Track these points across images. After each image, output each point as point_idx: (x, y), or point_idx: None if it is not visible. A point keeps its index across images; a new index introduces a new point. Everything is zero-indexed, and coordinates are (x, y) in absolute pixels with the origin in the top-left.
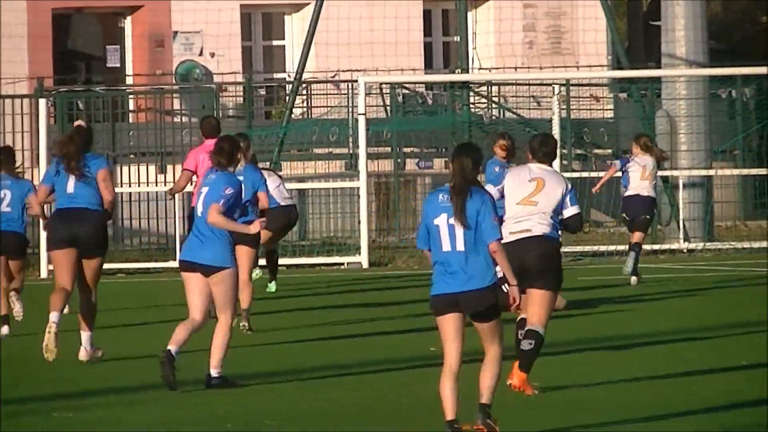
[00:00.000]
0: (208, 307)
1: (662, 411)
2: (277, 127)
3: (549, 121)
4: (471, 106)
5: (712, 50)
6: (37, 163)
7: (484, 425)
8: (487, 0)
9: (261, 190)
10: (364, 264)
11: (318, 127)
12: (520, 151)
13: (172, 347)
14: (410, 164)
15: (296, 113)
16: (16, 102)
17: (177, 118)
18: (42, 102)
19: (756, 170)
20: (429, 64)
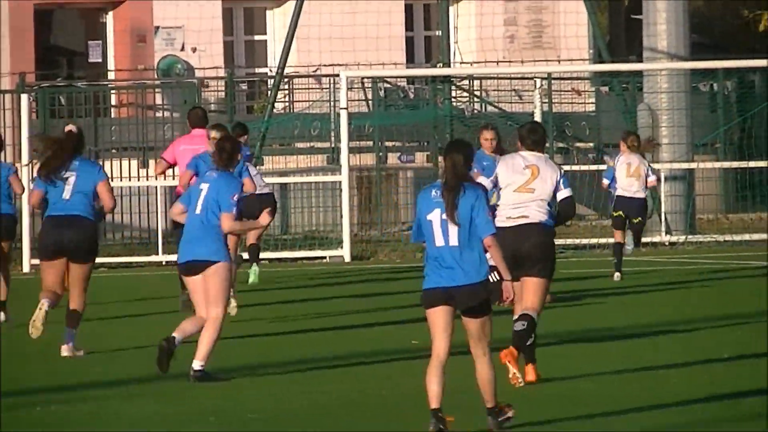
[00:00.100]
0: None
1: (646, 403)
2: (259, 122)
3: (531, 114)
4: (453, 100)
5: (693, 44)
6: (19, 158)
7: (502, 425)
8: None
9: (245, 176)
10: (346, 258)
11: (300, 122)
12: (508, 145)
13: (177, 335)
14: (392, 158)
15: (278, 108)
16: None
17: (159, 113)
18: (24, 97)
19: (737, 163)
20: (411, 59)
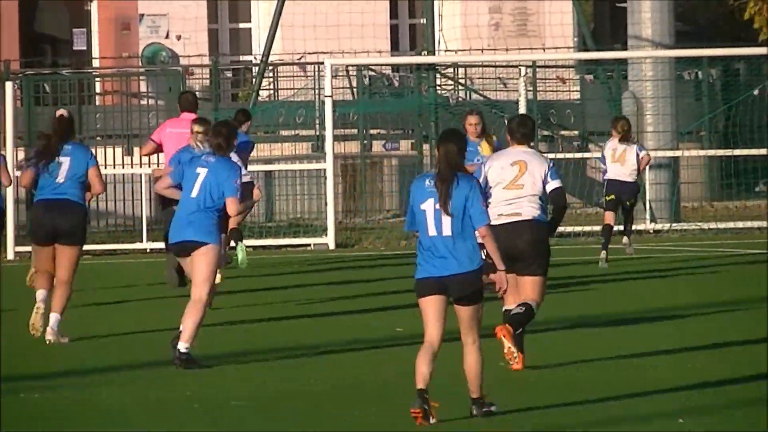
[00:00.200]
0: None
1: (632, 390)
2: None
3: (515, 102)
4: (437, 88)
5: (678, 32)
6: (3, 145)
7: (484, 416)
8: None
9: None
10: (331, 245)
11: (285, 110)
12: (494, 132)
13: (184, 343)
14: (377, 146)
15: (263, 95)
16: None
17: (143, 101)
18: (8, 85)
19: (722, 151)
20: (395, 47)
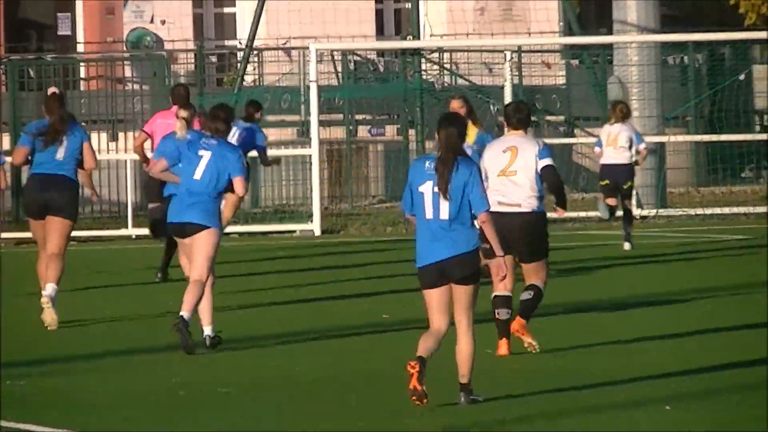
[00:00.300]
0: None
1: (616, 378)
2: (229, 95)
3: (501, 88)
4: (423, 73)
5: (663, 16)
6: None
7: (472, 403)
8: None
9: None
10: (317, 231)
11: (270, 95)
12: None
13: (185, 312)
14: (362, 131)
15: (248, 80)
16: None
17: (128, 86)
18: None
19: (708, 137)
20: (380, 31)
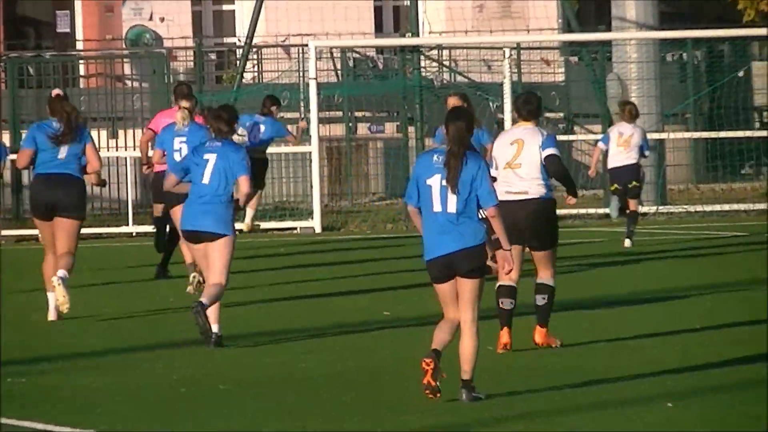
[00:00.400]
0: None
1: (616, 375)
2: (229, 92)
3: (500, 85)
4: (422, 70)
5: (662, 13)
6: None
7: (473, 401)
8: None
9: None
10: (317, 228)
11: (269, 92)
12: (479, 115)
13: (205, 299)
14: (362, 128)
15: (247, 78)
16: None
17: (128, 83)
18: None
19: (707, 134)
20: (379, 28)
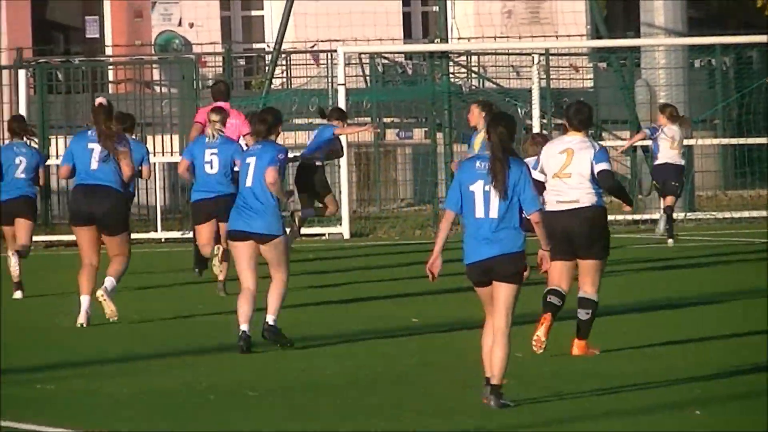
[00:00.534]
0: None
1: (641, 380)
2: (257, 98)
3: (529, 90)
4: (450, 76)
5: (690, 18)
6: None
7: (501, 407)
8: None
9: (236, 158)
10: (346, 235)
11: (298, 98)
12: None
13: (244, 326)
14: (390, 134)
15: (276, 84)
16: None
17: (157, 89)
18: (21, 73)
19: (736, 140)
20: (408, 34)
